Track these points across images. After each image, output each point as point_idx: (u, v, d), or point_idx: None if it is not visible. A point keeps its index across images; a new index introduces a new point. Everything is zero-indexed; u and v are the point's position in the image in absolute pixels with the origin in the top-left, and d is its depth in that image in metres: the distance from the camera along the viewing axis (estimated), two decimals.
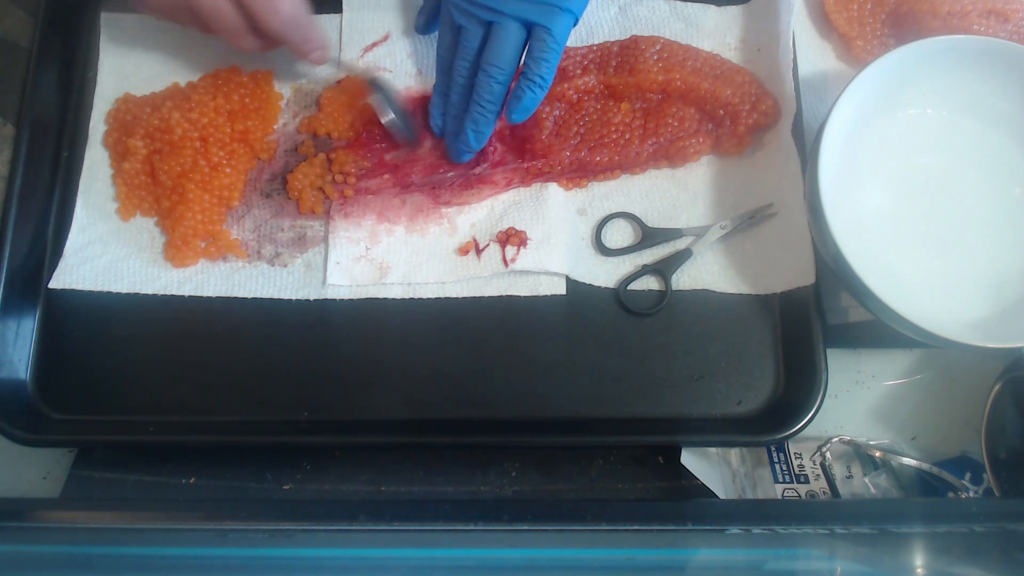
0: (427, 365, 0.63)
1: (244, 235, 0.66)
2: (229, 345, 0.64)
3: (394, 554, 0.56)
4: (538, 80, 0.60)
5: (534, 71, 0.60)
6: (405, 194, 0.66)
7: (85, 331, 0.64)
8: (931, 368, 0.65)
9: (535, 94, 0.60)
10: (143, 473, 0.62)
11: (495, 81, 0.60)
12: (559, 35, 0.60)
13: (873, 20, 0.68)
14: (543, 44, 0.60)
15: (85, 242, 0.66)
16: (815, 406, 0.60)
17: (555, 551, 0.56)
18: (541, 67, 0.60)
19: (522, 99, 0.60)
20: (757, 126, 0.65)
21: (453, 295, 0.64)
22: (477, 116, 0.61)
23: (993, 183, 0.62)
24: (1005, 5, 0.65)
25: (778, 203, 0.64)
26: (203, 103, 0.66)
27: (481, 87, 0.61)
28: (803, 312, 0.62)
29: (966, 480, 0.59)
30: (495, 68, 0.60)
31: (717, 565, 0.58)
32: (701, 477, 0.60)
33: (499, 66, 0.60)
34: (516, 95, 0.61)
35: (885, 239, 0.61)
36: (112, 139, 0.67)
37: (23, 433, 0.61)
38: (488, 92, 0.61)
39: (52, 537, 0.55)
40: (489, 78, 0.60)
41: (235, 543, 0.54)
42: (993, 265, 0.61)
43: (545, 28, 0.59)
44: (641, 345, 0.63)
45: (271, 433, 0.62)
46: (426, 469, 0.62)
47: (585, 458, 0.63)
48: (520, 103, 0.61)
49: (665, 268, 0.64)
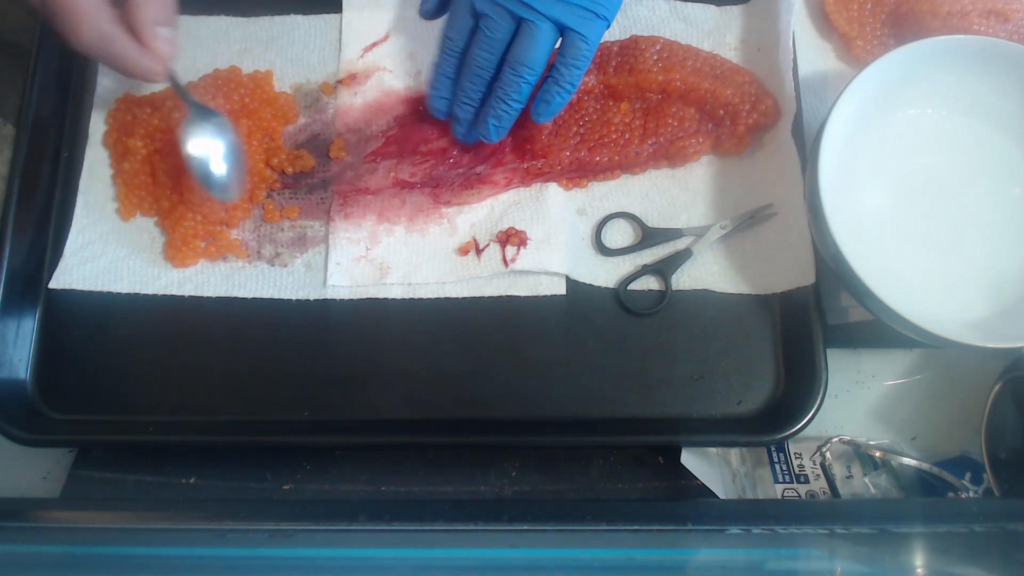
0: (427, 365, 0.63)
1: (244, 235, 0.66)
2: (229, 345, 0.64)
3: (394, 554, 0.56)
4: (568, 86, 0.60)
5: (565, 77, 0.60)
6: (405, 194, 0.66)
7: (85, 331, 0.64)
8: (931, 368, 0.65)
9: (563, 99, 0.61)
10: (143, 473, 0.62)
11: (524, 81, 0.60)
12: (593, 42, 0.59)
13: (873, 20, 0.68)
14: (577, 51, 0.59)
15: (85, 242, 0.66)
16: (815, 406, 0.60)
17: (555, 551, 0.56)
18: (573, 73, 0.60)
19: (551, 103, 0.60)
20: (757, 126, 0.65)
21: (453, 295, 0.64)
22: (501, 113, 0.61)
23: (993, 183, 0.62)
24: (1005, 5, 0.65)
25: (778, 203, 0.64)
26: (203, 103, 0.66)
27: (508, 85, 0.60)
28: (803, 312, 0.62)
29: (966, 480, 0.59)
30: (526, 69, 0.60)
31: (717, 565, 0.58)
32: (701, 477, 0.60)
33: (531, 67, 0.60)
34: (545, 99, 0.60)
35: (885, 239, 0.61)
36: (112, 139, 0.67)
37: (23, 433, 0.61)
38: (516, 91, 0.60)
39: (52, 537, 0.55)
40: (519, 77, 0.60)
41: (235, 543, 0.54)
42: (993, 265, 0.61)
43: (580, 35, 0.59)
44: (641, 345, 0.63)
45: (271, 433, 0.62)
46: (426, 469, 0.62)
47: (585, 458, 0.63)
48: (550, 107, 0.61)
49: (665, 268, 0.64)
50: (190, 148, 0.61)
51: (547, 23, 0.59)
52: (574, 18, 0.59)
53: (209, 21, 0.70)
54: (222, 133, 0.62)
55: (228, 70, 0.68)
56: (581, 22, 0.59)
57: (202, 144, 0.61)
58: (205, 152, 0.61)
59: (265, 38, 0.70)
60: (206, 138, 0.61)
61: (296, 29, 0.70)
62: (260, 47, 0.70)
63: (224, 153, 0.61)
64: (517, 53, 0.60)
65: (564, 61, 0.60)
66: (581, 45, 0.59)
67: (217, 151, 0.61)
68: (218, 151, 0.61)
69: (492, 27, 0.60)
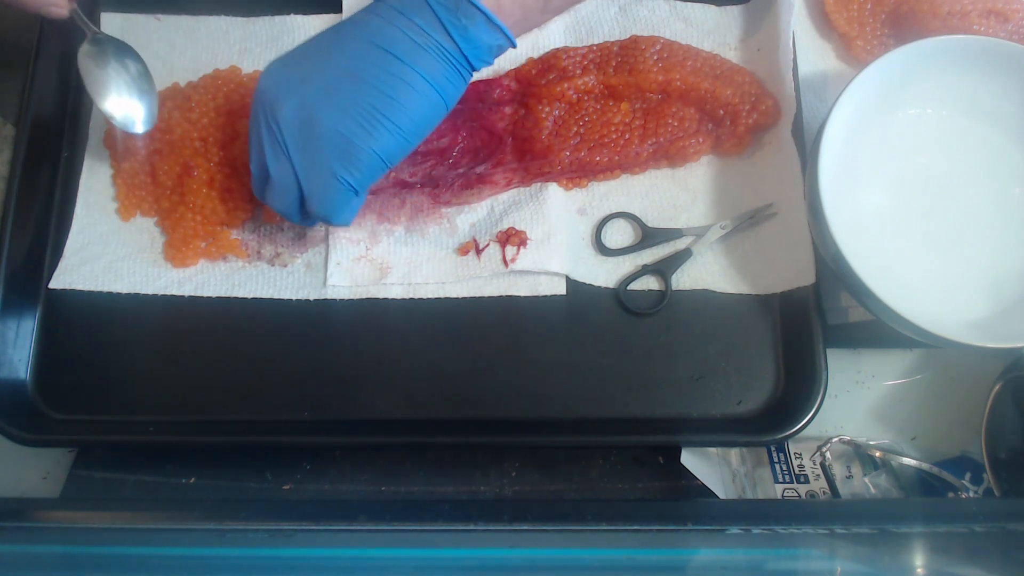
0: (427, 365, 0.63)
1: (244, 235, 0.66)
2: (229, 345, 0.64)
3: (394, 554, 0.56)
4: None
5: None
6: (405, 194, 0.66)
7: (85, 331, 0.64)
8: (931, 368, 0.65)
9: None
10: (143, 473, 0.62)
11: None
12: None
13: (873, 20, 0.68)
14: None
15: (85, 242, 0.66)
16: (815, 406, 0.59)
17: (555, 551, 0.56)
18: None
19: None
20: (757, 126, 0.65)
21: (453, 295, 0.64)
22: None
23: (993, 183, 0.62)
24: (1005, 5, 0.65)
25: (778, 203, 0.64)
26: (203, 103, 0.66)
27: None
28: (803, 312, 0.62)
29: (966, 480, 0.59)
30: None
31: (717, 565, 0.58)
32: (701, 477, 0.60)
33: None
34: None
35: (885, 239, 0.61)
36: (112, 139, 0.67)
37: (23, 433, 0.61)
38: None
39: (52, 537, 0.55)
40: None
41: (235, 543, 0.54)
42: (993, 265, 0.61)
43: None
44: (641, 345, 0.63)
45: (271, 433, 0.62)
46: (426, 469, 0.62)
47: (585, 458, 0.63)
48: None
49: (665, 268, 0.64)
50: (90, 83, 0.60)
51: (283, 171, 0.56)
52: (305, 174, 0.56)
53: (209, 21, 0.70)
54: (124, 61, 0.61)
55: (228, 70, 0.68)
56: (311, 184, 0.56)
57: (103, 76, 0.60)
58: (106, 82, 0.60)
59: (265, 38, 0.70)
60: (108, 68, 0.60)
61: (296, 29, 0.70)
62: (260, 47, 0.70)
63: (128, 82, 0.61)
64: (265, 194, 0.59)
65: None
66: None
67: (120, 81, 0.61)
68: (121, 81, 0.61)
69: (252, 157, 0.58)
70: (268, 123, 0.55)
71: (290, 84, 0.55)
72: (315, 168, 0.55)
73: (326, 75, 0.55)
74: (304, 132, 0.54)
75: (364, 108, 0.54)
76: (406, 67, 0.54)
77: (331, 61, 0.55)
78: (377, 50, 0.54)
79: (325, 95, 0.54)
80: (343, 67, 0.54)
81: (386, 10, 0.55)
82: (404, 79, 0.54)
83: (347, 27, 0.56)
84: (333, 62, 0.55)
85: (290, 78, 0.55)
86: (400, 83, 0.54)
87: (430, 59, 0.54)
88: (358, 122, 0.54)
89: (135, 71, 0.61)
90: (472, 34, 0.54)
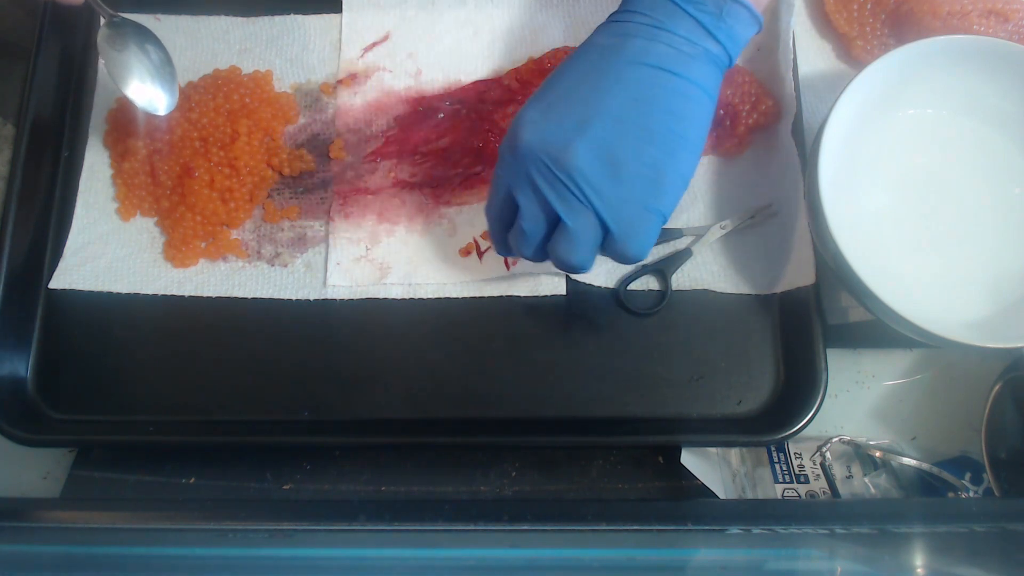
0: (427, 365, 0.63)
1: (244, 235, 0.66)
2: (229, 345, 0.64)
3: (394, 554, 0.56)
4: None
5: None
6: (405, 194, 0.66)
7: (85, 331, 0.64)
8: (931, 368, 0.65)
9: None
10: (143, 473, 0.62)
11: (574, 270, 0.57)
12: (638, 249, 0.55)
13: (873, 20, 0.68)
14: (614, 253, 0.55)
15: (85, 242, 0.66)
16: (815, 406, 0.59)
17: (555, 551, 0.56)
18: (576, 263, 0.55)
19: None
20: (757, 126, 0.65)
21: (453, 295, 0.64)
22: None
23: (993, 183, 0.62)
24: (1005, 5, 0.65)
25: (778, 203, 0.64)
26: (203, 103, 0.66)
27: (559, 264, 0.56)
28: (803, 312, 0.62)
29: (966, 480, 0.59)
30: (569, 268, 0.56)
31: (717, 565, 0.58)
32: (701, 477, 0.60)
33: (574, 267, 0.55)
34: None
35: (885, 239, 0.61)
36: (112, 139, 0.67)
37: (23, 433, 0.61)
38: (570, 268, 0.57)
39: (52, 537, 0.55)
40: (564, 268, 0.57)
41: (235, 543, 0.54)
42: (993, 265, 0.61)
43: (619, 238, 0.54)
44: (641, 345, 0.63)
45: (271, 433, 0.62)
46: (426, 469, 0.62)
47: (585, 458, 0.63)
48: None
49: (665, 268, 0.64)
50: (111, 63, 0.59)
51: (584, 221, 0.53)
52: (616, 216, 0.52)
53: (209, 21, 0.71)
54: (143, 44, 0.60)
55: (228, 70, 0.68)
56: (624, 224, 0.53)
57: (123, 59, 0.60)
58: (127, 65, 0.60)
59: (265, 38, 0.70)
60: (127, 51, 0.60)
61: (296, 29, 0.70)
62: (260, 47, 0.70)
63: (148, 65, 0.61)
64: (557, 251, 0.54)
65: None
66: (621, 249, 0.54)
67: (141, 65, 0.60)
68: (142, 64, 0.61)
69: (526, 219, 0.54)
70: (550, 178, 0.52)
71: (565, 131, 0.52)
72: (626, 206, 0.53)
73: (611, 109, 0.52)
74: (607, 173, 0.52)
75: (661, 133, 0.52)
76: (683, 81, 0.52)
77: (610, 94, 0.52)
78: (652, 70, 0.52)
79: (619, 130, 0.52)
80: (625, 96, 0.52)
81: (642, 29, 0.53)
82: (685, 93, 0.53)
83: (605, 55, 0.54)
84: (612, 94, 0.52)
85: (562, 125, 0.52)
86: (683, 99, 0.53)
87: (700, 66, 0.53)
88: (661, 149, 0.52)
89: (155, 54, 0.61)
90: (736, 32, 0.54)
